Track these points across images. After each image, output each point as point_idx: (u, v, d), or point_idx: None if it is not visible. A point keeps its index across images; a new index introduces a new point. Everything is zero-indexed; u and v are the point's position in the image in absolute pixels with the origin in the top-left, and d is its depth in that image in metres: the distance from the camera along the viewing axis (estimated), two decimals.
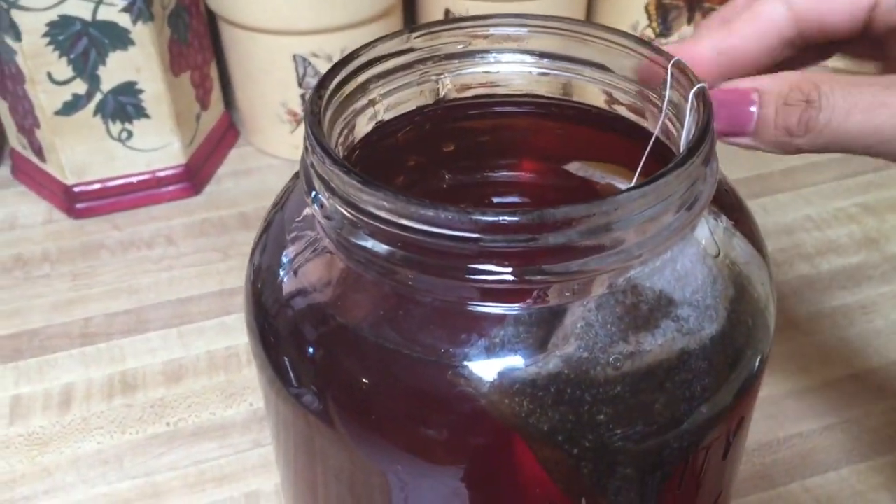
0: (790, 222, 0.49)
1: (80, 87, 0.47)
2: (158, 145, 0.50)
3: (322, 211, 0.21)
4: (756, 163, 0.53)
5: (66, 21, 0.45)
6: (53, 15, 0.45)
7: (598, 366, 0.20)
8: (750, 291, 0.22)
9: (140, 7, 0.45)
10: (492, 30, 0.25)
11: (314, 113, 0.21)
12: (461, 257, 0.19)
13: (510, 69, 0.26)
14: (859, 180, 0.51)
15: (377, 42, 0.24)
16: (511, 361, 0.20)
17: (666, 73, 0.22)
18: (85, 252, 0.48)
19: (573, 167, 0.25)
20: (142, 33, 0.46)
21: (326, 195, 0.20)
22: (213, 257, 0.48)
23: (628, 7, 0.55)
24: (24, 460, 0.38)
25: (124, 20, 0.46)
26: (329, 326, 0.22)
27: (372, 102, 0.24)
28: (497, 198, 0.26)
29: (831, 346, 0.41)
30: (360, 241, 0.20)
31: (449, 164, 0.26)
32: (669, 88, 0.22)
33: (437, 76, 0.25)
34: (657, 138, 0.22)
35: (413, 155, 0.26)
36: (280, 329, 0.23)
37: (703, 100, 0.21)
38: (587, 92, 0.25)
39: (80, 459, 0.38)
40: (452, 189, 0.25)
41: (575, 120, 0.26)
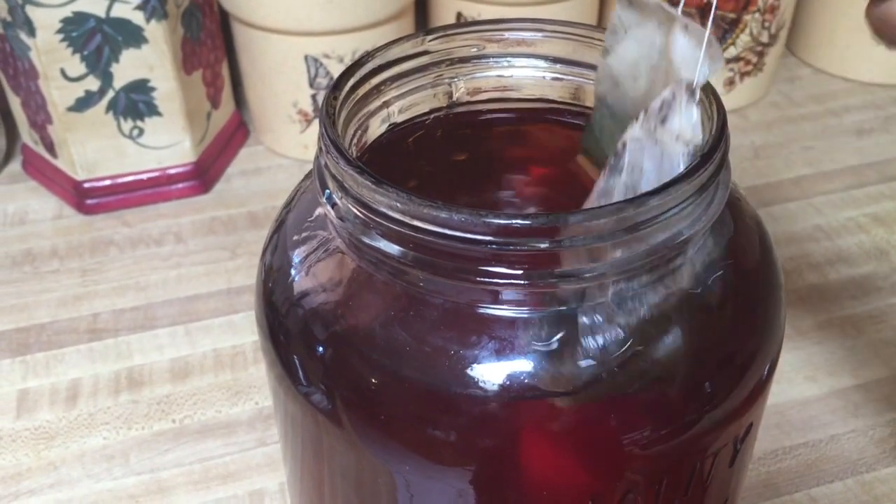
0: (799, 231, 0.49)
1: (93, 84, 0.47)
2: (169, 143, 0.50)
3: (335, 211, 0.21)
4: (765, 171, 0.53)
5: (81, 18, 0.45)
6: (68, 11, 0.45)
7: (607, 369, 0.20)
8: (760, 297, 0.22)
9: (154, 5, 0.46)
10: (506, 34, 0.25)
11: (329, 114, 0.21)
12: (473, 260, 0.19)
13: (523, 73, 0.26)
14: (870, 190, 0.51)
15: (392, 44, 0.24)
16: (521, 365, 0.20)
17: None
18: (94, 248, 0.49)
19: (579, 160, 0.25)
20: (155, 31, 0.46)
21: (339, 195, 0.20)
22: (222, 255, 0.48)
23: None
24: (31, 454, 0.38)
25: (138, 18, 0.46)
26: (339, 326, 0.22)
27: (385, 104, 0.24)
28: (508, 201, 0.26)
29: (839, 356, 0.41)
30: (372, 242, 0.20)
31: (460, 168, 0.26)
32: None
33: (451, 79, 0.25)
34: None
35: (425, 157, 0.26)
36: (290, 328, 0.23)
37: (717, 101, 0.21)
38: None
39: (86, 454, 0.38)
40: (464, 192, 0.25)
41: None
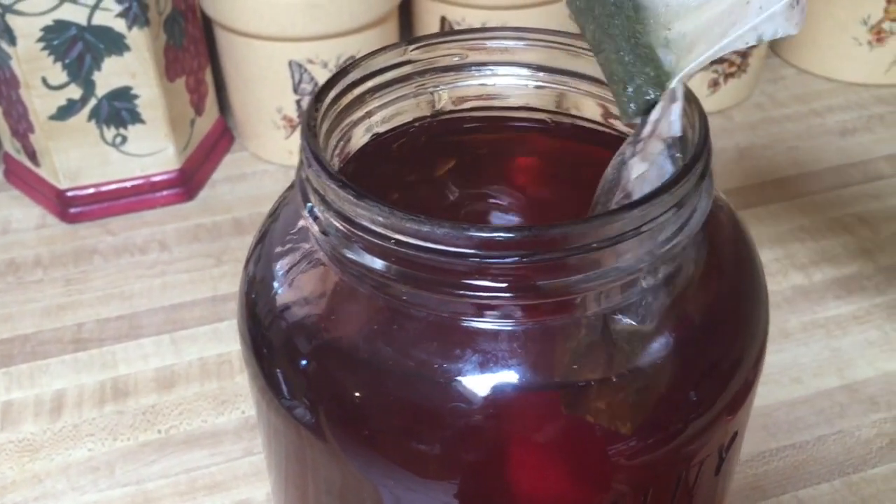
0: (784, 232, 0.49)
1: (75, 92, 0.47)
2: (152, 150, 0.50)
3: (317, 224, 0.21)
4: (750, 172, 0.53)
5: (62, 26, 0.45)
6: (49, 20, 0.44)
7: (591, 380, 0.20)
8: (743, 305, 0.22)
9: (136, 12, 0.45)
10: (489, 42, 0.25)
11: (310, 127, 0.21)
12: (456, 273, 0.19)
13: (506, 82, 0.25)
14: (853, 191, 0.51)
15: (374, 54, 0.24)
16: (505, 377, 0.20)
17: None
18: (78, 257, 0.48)
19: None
20: (137, 38, 0.46)
21: (321, 209, 0.20)
22: (207, 263, 0.48)
23: None
24: (15, 467, 0.38)
25: (120, 25, 0.45)
26: (322, 339, 0.21)
27: (368, 114, 0.24)
28: (493, 212, 0.26)
29: (825, 357, 0.41)
30: (355, 256, 0.20)
31: (444, 178, 0.26)
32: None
33: (434, 88, 0.25)
34: None
35: (408, 167, 0.26)
36: (273, 340, 0.22)
37: (699, 111, 0.21)
38: (584, 105, 0.25)
39: (71, 466, 0.38)
40: (448, 203, 0.25)
41: (571, 133, 0.26)
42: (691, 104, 0.21)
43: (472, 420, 0.20)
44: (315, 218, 0.21)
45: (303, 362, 0.22)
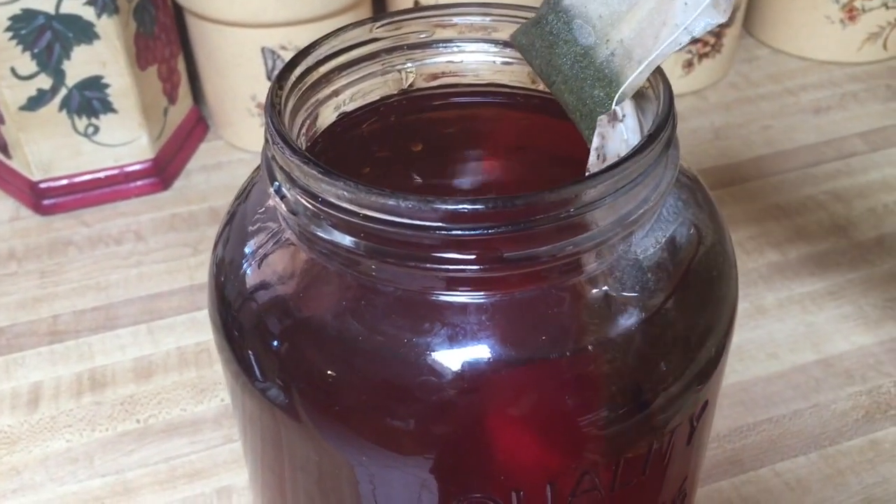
0: (759, 210, 0.49)
1: (45, 82, 0.46)
2: (126, 140, 0.50)
3: (284, 202, 0.21)
4: (725, 152, 0.53)
5: (29, 14, 0.44)
6: (16, 8, 0.44)
7: (562, 351, 0.20)
8: (712, 275, 0.22)
9: (105, 0, 0.45)
10: (455, 19, 0.25)
11: (274, 104, 0.21)
12: (423, 247, 0.19)
13: (474, 58, 0.25)
14: (827, 168, 0.52)
15: (339, 32, 0.24)
16: (475, 351, 0.20)
17: None
18: (52, 249, 0.48)
19: None
20: (107, 27, 0.46)
21: (288, 186, 0.20)
22: (183, 252, 0.47)
23: None
24: None
25: (88, 13, 0.45)
26: (293, 319, 0.21)
27: (335, 93, 0.24)
28: (462, 187, 0.26)
29: (800, 333, 0.42)
30: (323, 233, 0.20)
31: (413, 154, 0.26)
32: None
33: (401, 66, 0.25)
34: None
35: (377, 145, 0.26)
36: (244, 323, 0.22)
37: (663, 80, 0.21)
38: None
39: (50, 458, 0.38)
40: (417, 178, 0.25)
41: (540, 109, 0.26)
42: (655, 75, 0.21)
43: (444, 394, 0.20)
44: (282, 196, 0.21)
45: (274, 343, 0.22)
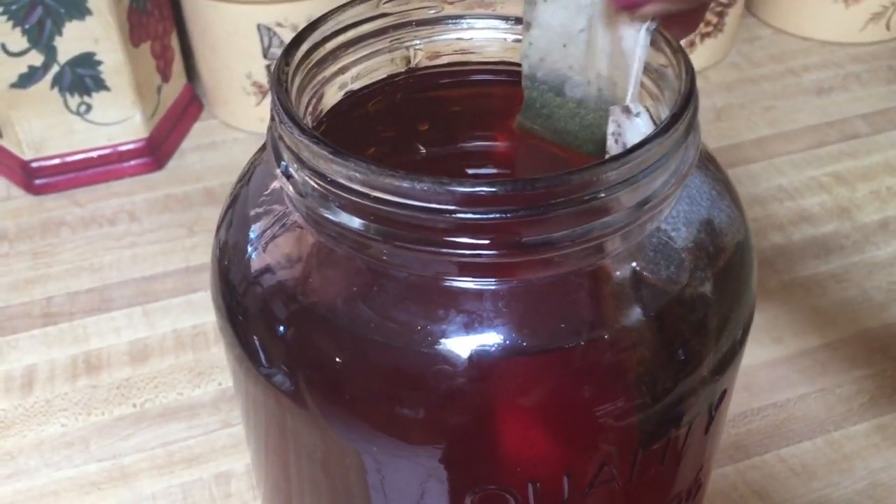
0: (762, 192, 0.48)
1: (37, 59, 0.45)
2: (119, 119, 0.49)
3: (291, 184, 0.20)
4: (727, 133, 0.53)
5: None
6: None
7: (578, 341, 0.19)
8: (732, 261, 0.21)
9: None
10: None
11: (281, 82, 0.20)
12: (437, 230, 0.18)
13: (484, 36, 0.25)
14: (831, 150, 0.51)
15: (346, 7, 0.23)
16: (489, 338, 0.19)
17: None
18: (45, 229, 0.47)
19: None
20: (99, 2, 0.44)
21: (296, 167, 0.19)
22: (178, 233, 0.47)
23: None
24: None
25: None
26: (300, 304, 0.21)
27: (341, 70, 0.23)
28: (471, 168, 0.25)
29: (804, 316, 0.41)
30: (332, 215, 0.19)
31: (421, 134, 0.25)
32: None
33: (409, 43, 0.24)
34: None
35: (384, 125, 0.25)
36: (249, 307, 0.22)
37: (685, 61, 0.20)
38: None
39: (45, 443, 0.37)
40: (425, 160, 0.25)
41: None
42: (677, 54, 0.20)
43: (457, 382, 0.19)
44: (289, 177, 0.20)
45: (280, 328, 0.21)
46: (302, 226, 0.21)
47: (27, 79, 0.46)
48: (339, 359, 0.20)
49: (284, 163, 0.20)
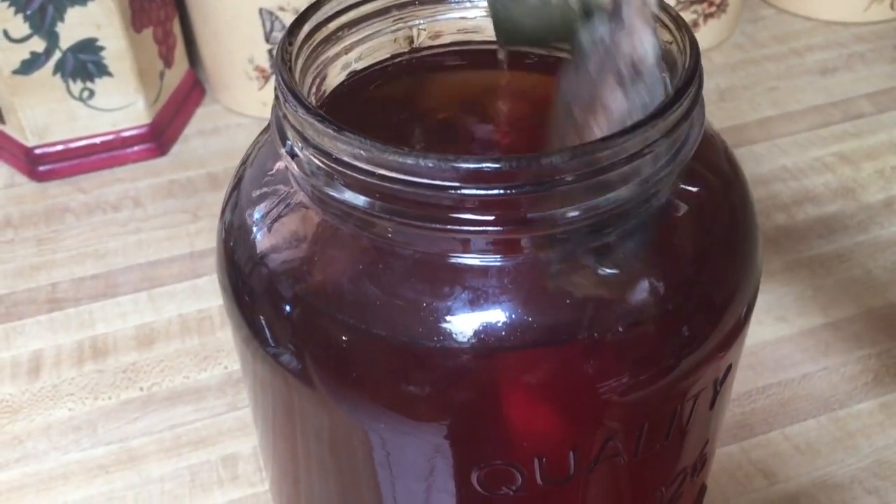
0: (766, 173, 0.48)
1: (39, 45, 0.45)
2: (122, 104, 0.49)
3: (296, 163, 0.20)
4: (731, 113, 0.53)
5: None
6: None
7: (583, 316, 0.19)
8: (737, 237, 0.21)
9: None
10: None
11: (285, 61, 0.20)
12: (442, 207, 0.18)
13: (486, 14, 0.25)
14: (834, 130, 0.51)
15: None
16: (495, 315, 0.19)
17: None
18: (49, 216, 0.47)
19: None
20: None
21: (300, 146, 0.19)
22: (183, 219, 0.47)
23: None
24: None
25: None
26: (306, 283, 0.21)
27: (345, 50, 0.23)
28: (474, 146, 0.25)
29: (808, 296, 0.41)
30: (337, 193, 0.19)
31: (424, 114, 0.25)
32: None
33: (412, 23, 0.24)
34: None
35: (387, 105, 0.25)
36: (255, 288, 0.22)
37: (689, 34, 0.20)
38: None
39: (52, 427, 0.37)
40: (428, 138, 0.25)
41: (553, 68, 0.25)
42: (681, 30, 0.20)
43: (463, 359, 0.19)
44: (294, 156, 0.20)
45: (287, 308, 0.21)
46: (307, 205, 0.21)
47: (29, 65, 0.46)
48: (346, 337, 0.20)
49: (289, 142, 0.20)
